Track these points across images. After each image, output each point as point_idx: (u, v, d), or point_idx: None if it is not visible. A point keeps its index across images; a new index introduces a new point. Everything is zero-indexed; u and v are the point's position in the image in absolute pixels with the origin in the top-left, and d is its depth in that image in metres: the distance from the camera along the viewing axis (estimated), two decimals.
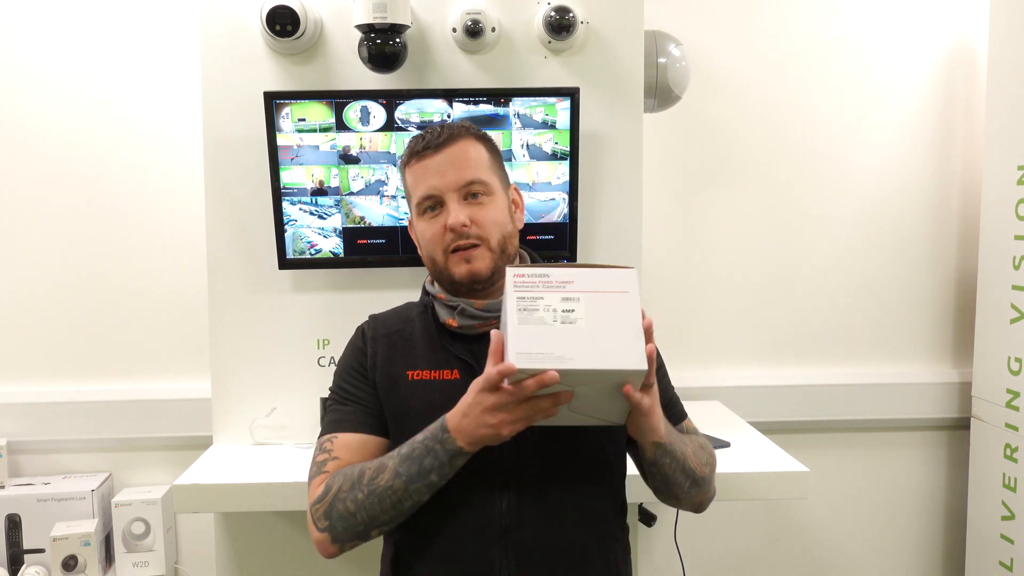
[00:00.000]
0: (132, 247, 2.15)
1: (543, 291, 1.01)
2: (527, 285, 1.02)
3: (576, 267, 1.04)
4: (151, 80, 2.12)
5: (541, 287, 1.02)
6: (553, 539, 1.18)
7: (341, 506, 1.14)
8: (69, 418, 2.14)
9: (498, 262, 1.22)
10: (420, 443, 1.11)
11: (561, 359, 0.98)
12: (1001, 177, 2.13)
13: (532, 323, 1.00)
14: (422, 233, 1.25)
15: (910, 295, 2.35)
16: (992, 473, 2.17)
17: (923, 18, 2.27)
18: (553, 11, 1.69)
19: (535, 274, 1.03)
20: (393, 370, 1.24)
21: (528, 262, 1.30)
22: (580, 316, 1.00)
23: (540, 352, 0.98)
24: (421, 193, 1.23)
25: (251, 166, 1.73)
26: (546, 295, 1.01)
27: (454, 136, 1.23)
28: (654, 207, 2.21)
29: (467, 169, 1.22)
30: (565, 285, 1.02)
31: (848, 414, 2.32)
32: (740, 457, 1.72)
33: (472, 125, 1.28)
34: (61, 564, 1.96)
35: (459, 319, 1.23)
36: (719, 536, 2.35)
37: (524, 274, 1.03)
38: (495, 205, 1.23)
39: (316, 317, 1.79)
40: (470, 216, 1.20)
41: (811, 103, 2.27)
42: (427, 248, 1.25)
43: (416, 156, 1.24)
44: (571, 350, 0.98)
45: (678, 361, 2.27)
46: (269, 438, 1.80)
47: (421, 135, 1.25)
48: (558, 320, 1.00)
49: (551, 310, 1.00)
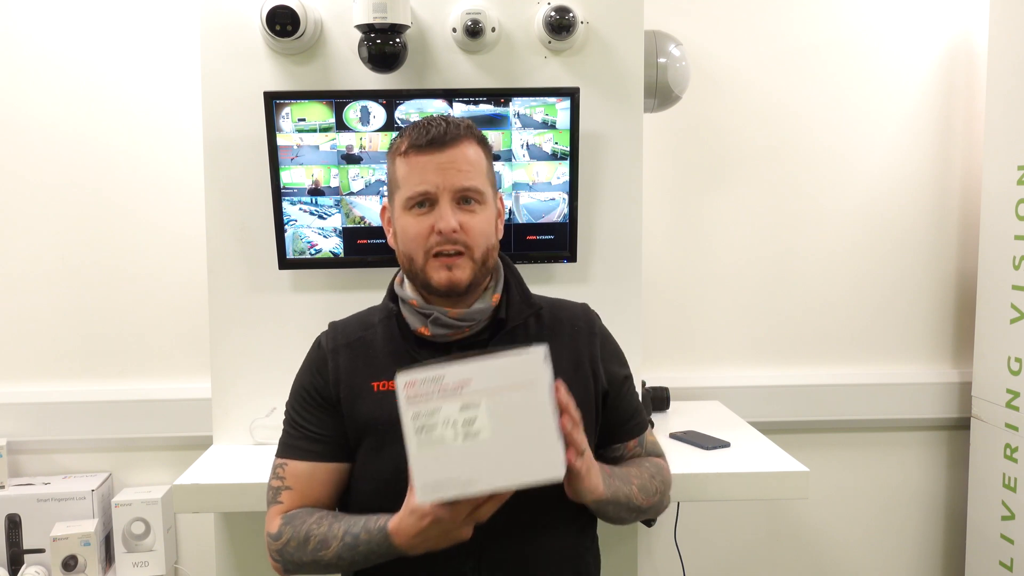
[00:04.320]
0: (132, 247, 2.15)
1: (439, 400, 0.92)
2: (421, 397, 0.92)
3: (472, 359, 0.92)
4: (152, 80, 2.12)
5: (436, 395, 0.92)
6: (524, 550, 1.18)
7: (292, 557, 1.17)
8: (69, 418, 2.14)
9: (478, 273, 1.19)
10: (364, 543, 1.10)
11: (470, 483, 0.91)
12: (1001, 177, 2.13)
13: (432, 445, 0.92)
14: (405, 228, 1.19)
15: (910, 295, 2.35)
16: (992, 473, 2.17)
17: (923, 18, 2.27)
18: (553, 11, 1.69)
19: (427, 379, 0.92)
20: (356, 381, 1.21)
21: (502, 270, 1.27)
22: (483, 427, 0.91)
23: (447, 479, 0.92)
24: (415, 188, 1.17)
25: (251, 166, 1.73)
26: (443, 405, 0.91)
27: (459, 136, 1.18)
28: (654, 207, 2.21)
29: (466, 174, 1.17)
30: (462, 388, 0.91)
31: (848, 414, 2.32)
32: (740, 457, 1.72)
33: (473, 125, 1.23)
34: (61, 564, 1.96)
35: (432, 328, 1.19)
36: (719, 536, 2.35)
37: (415, 381, 0.92)
38: (485, 215, 1.19)
39: (316, 317, 1.78)
40: (460, 222, 1.16)
41: (811, 103, 2.27)
42: (407, 245, 1.19)
43: (416, 149, 1.17)
44: (479, 470, 0.90)
45: (678, 361, 2.29)
46: (269, 438, 1.79)
47: (423, 127, 1.18)
48: (459, 437, 0.91)
49: (451, 425, 0.91)
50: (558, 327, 1.27)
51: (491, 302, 1.22)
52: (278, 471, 1.24)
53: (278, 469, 1.24)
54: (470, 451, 0.91)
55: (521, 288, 1.28)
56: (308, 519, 1.17)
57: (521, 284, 1.28)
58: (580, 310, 1.31)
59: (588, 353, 1.26)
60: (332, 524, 1.14)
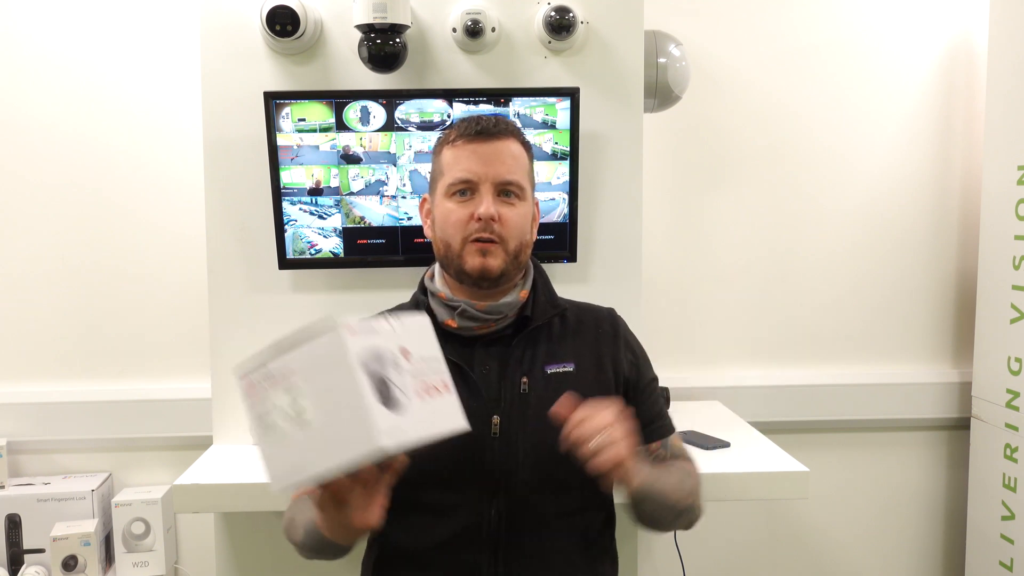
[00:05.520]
0: (132, 247, 2.15)
1: (269, 390, 0.93)
2: (255, 390, 0.94)
3: (290, 349, 0.93)
4: (152, 80, 2.11)
5: (267, 386, 0.93)
6: (542, 548, 1.18)
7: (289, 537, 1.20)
8: (69, 418, 2.14)
9: (509, 266, 1.21)
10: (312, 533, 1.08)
11: (306, 468, 0.91)
12: (1001, 177, 2.13)
13: (273, 436, 0.93)
14: (445, 214, 1.21)
15: (910, 295, 2.35)
16: (992, 473, 2.17)
17: (923, 18, 2.27)
18: (553, 11, 1.69)
19: (257, 373, 0.94)
20: None
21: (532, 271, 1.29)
22: (308, 412, 0.91)
23: (290, 467, 0.92)
24: (458, 175, 1.20)
25: (251, 166, 1.73)
26: (273, 395, 0.93)
27: (507, 132, 1.22)
28: (654, 207, 2.21)
29: (509, 166, 1.21)
30: (287, 377, 0.92)
31: (848, 414, 2.32)
32: (740, 457, 1.72)
33: (520, 129, 1.27)
34: (61, 564, 1.96)
35: (459, 320, 1.22)
36: (719, 536, 2.35)
37: (247, 374, 0.95)
38: (522, 211, 1.22)
39: (316, 317, 1.78)
40: (499, 213, 1.19)
41: (811, 103, 2.27)
42: (445, 231, 1.22)
43: (465, 138, 1.21)
44: (313, 455, 0.90)
45: (678, 361, 2.29)
46: None
47: (474, 119, 1.23)
48: (293, 425, 0.92)
49: (283, 414, 0.92)
50: (582, 328, 1.28)
51: (519, 298, 1.24)
52: None
53: None
54: (304, 438, 0.91)
55: (548, 289, 1.30)
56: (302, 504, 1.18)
57: (548, 286, 1.31)
58: (606, 313, 1.34)
59: (611, 355, 1.27)
60: (305, 511, 1.14)
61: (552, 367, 1.23)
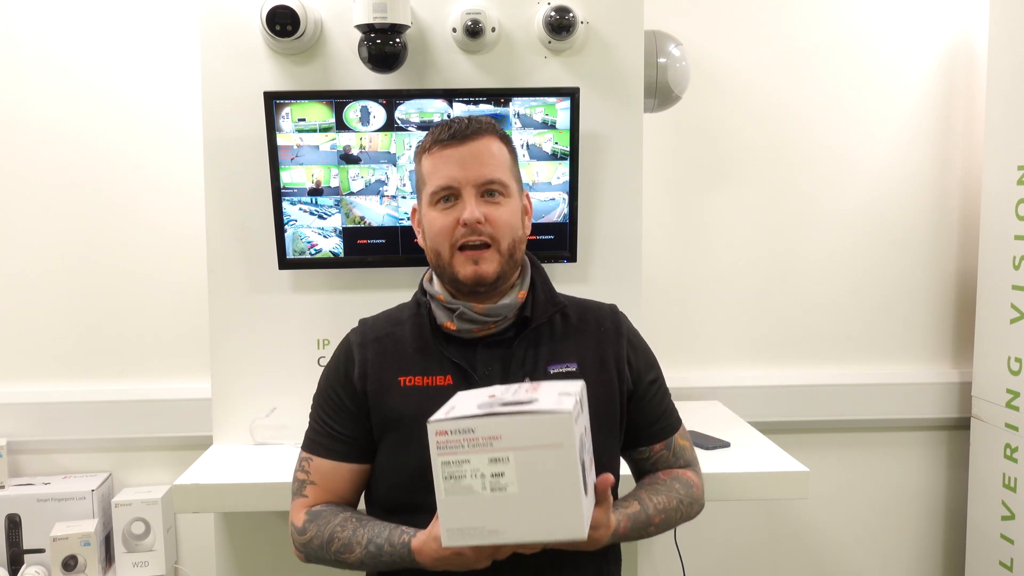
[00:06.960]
0: (132, 247, 2.15)
1: (468, 451, 0.92)
2: (451, 446, 0.92)
3: (506, 414, 0.92)
4: (152, 80, 2.12)
5: (466, 447, 0.92)
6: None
7: (315, 554, 1.20)
8: (69, 418, 2.14)
9: (505, 266, 1.20)
10: (388, 555, 1.12)
11: (494, 533, 0.92)
12: (1001, 177, 2.13)
13: (460, 493, 0.92)
14: (431, 223, 1.21)
15: (910, 295, 2.35)
16: (992, 473, 2.17)
17: (923, 18, 2.27)
18: (553, 11, 1.69)
19: (459, 430, 0.92)
20: (383, 375, 1.22)
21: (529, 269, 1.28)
22: (510, 482, 0.91)
23: (471, 527, 0.93)
24: (439, 183, 1.19)
25: (251, 166, 1.73)
26: (472, 457, 0.92)
27: (480, 131, 1.20)
28: (654, 207, 2.21)
29: (489, 166, 1.19)
30: (492, 442, 0.91)
31: (848, 414, 2.32)
32: (740, 457, 1.72)
33: (496, 123, 1.25)
34: (61, 564, 1.96)
35: (458, 323, 1.21)
36: (719, 536, 2.35)
37: (447, 431, 0.92)
38: (510, 207, 1.21)
39: (316, 317, 1.79)
40: (485, 214, 1.17)
41: (811, 103, 2.27)
42: (434, 240, 1.21)
43: (439, 144, 1.19)
44: (503, 523, 0.92)
45: (678, 361, 2.29)
46: (269, 438, 1.80)
47: (446, 124, 1.21)
48: (487, 488, 0.92)
49: (479, 476, 0.92)
50: (584, 326, 1.28)
51: (517, 299, 1.23)
52: (304, 464, 1.26)
53: (304, 462, 1.26)
54: (496, 503, 0.92)
55: (547, 287, 1.29)
56: (332, 520, 1.18)
57: (547, 283, 1.29)
58: (608, 310, 1.32)
59: (614, 353, 1.26)
60: (356, 529, 1.16)
61: (555, 367, 1.22)
